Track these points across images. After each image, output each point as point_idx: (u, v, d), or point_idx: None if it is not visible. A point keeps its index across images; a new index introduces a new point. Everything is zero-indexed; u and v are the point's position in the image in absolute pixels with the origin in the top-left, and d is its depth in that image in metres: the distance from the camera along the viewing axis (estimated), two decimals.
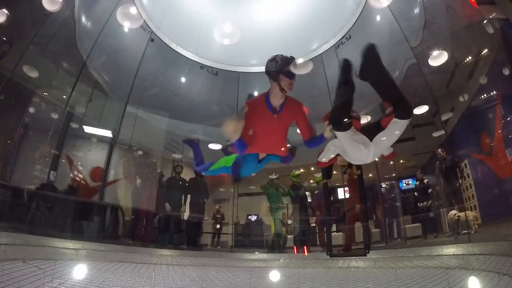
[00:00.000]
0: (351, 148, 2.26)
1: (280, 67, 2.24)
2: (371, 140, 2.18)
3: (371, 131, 2.18)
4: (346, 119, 2.14)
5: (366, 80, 2.11)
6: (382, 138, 2.14)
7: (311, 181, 9.20)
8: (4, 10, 5.22)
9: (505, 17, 4.50)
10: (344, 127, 2.16)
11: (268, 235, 7.66)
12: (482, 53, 5.80)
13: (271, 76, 2.27)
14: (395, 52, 6.81)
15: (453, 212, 5.51)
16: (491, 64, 5.60)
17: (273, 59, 2.28)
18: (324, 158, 2.46)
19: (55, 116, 6.69)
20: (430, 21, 6.08)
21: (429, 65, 6.36)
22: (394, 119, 2.07)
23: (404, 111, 2.06)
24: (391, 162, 7.36)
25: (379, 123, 2.20)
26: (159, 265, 4.15)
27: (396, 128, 2.10)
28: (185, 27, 7.40)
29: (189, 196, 7.07)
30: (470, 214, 5.42)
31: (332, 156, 2.46)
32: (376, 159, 2.48)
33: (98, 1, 6.56)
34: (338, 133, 2.21)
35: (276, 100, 2.31)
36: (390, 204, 7.14)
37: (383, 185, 7.26)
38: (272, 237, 6.98)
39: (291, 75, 2.25)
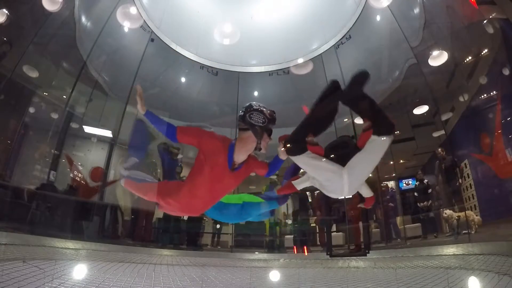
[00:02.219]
0: (319, 176, 1.98)
1: (268, 124, 1.89)
2: (343, 165, 1.89)
3: (345, 157, 1.89)
4: (299, 143, 1.90)
5: (348, 104, 1.91)
6: (358, 161, 1.84)
7: None
8: (4, 10, 5.22)
9: (505, 17, 4.50)
10: (294, 151, 1.90)
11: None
12: (482, 53, 5.79)
13: (254, 132, 1.86)
14: (395, 52, 6.81)
15: (448, 212, 5.51)
16: (491, 64, 5.59)
17: (261, 112, 1.89)
18: (299, 186, 2.18)
19: (55, 116, 6.69)
20: (430, 21, 6.08)
21: (429, 65, 6.35)
22: (372, 137, 1.78)
23: (384, 126, 1.77)
24: (391, 162, 7.36)
25: (355, 146, 1.93)
26: (159, 265, 4.16)
27: (374, 148, 1.80)
28: (185, 27, 7.40)
29: None
30: (462, 214, 5.40)
31: (307, 185, 2.17)
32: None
33: (98, 1, 6.56)
34: (293, 158, 1.96)
35: (241, 157, 1.94)
36: (387, 205, 7.13)
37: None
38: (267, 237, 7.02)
39: (270, 134, 1.95)
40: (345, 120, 6.31)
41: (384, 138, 1.77)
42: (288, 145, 1.93)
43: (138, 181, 2.25)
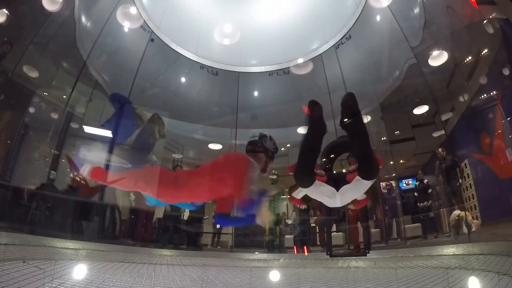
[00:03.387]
0: (317, 197, 2.31)
1: (276, 151, 2.25)
2: (337, 189, 2.18)
3: (338, 182, 2.18)
4: (309, 176, 2.12)
5: (346, 129, 2.16)
6: (348, 189, 2.16)
7: None
8: (4, 10, 5.22)
9: (505, 17, 4.50)
10: (307, 184, 2.16)
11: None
12: (482, 53, 5.79)
13: (267, 155, 2.22)
14: (395, 52, 6.82)
15: (456, 212, 5.49)
16: (491, 64, 5.59)
17: (271, 139, 2.25)
18: (299, 195, 2.44)
19: (55, 116, 6.68)
20: (430, 21, 6.08)
21: (429, 65, 6.36)
22: (358, 178, 2.08)
23: (367, 173, 2.07)
24: (391, 162, 7.36)
25: (345, 175, 2.22)
26: (159, 265, 4.16)
27: (360, 185, 2.12)
28: (185, 27, 7.40)
29: None
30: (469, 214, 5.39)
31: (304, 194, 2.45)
32: None
33: (98, 1, 6.56)
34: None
35: None
36: (389, 204, 7.14)
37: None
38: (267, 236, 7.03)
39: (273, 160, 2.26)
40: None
41: (369, 181, 2.08)
42: (299, 179, 2.18)
43: (120, 170, 2.34)
